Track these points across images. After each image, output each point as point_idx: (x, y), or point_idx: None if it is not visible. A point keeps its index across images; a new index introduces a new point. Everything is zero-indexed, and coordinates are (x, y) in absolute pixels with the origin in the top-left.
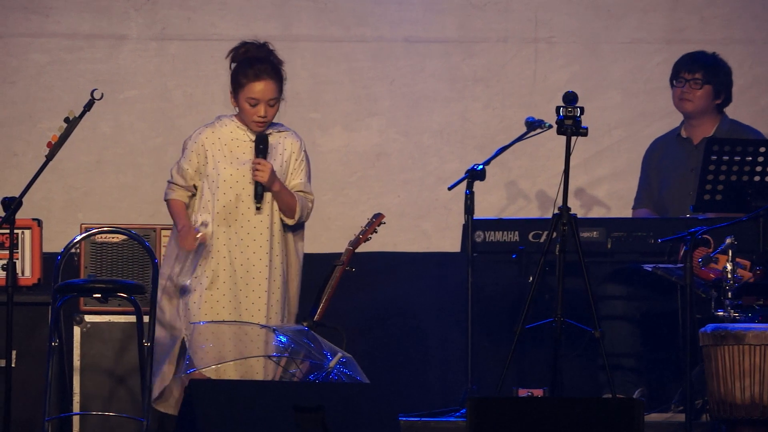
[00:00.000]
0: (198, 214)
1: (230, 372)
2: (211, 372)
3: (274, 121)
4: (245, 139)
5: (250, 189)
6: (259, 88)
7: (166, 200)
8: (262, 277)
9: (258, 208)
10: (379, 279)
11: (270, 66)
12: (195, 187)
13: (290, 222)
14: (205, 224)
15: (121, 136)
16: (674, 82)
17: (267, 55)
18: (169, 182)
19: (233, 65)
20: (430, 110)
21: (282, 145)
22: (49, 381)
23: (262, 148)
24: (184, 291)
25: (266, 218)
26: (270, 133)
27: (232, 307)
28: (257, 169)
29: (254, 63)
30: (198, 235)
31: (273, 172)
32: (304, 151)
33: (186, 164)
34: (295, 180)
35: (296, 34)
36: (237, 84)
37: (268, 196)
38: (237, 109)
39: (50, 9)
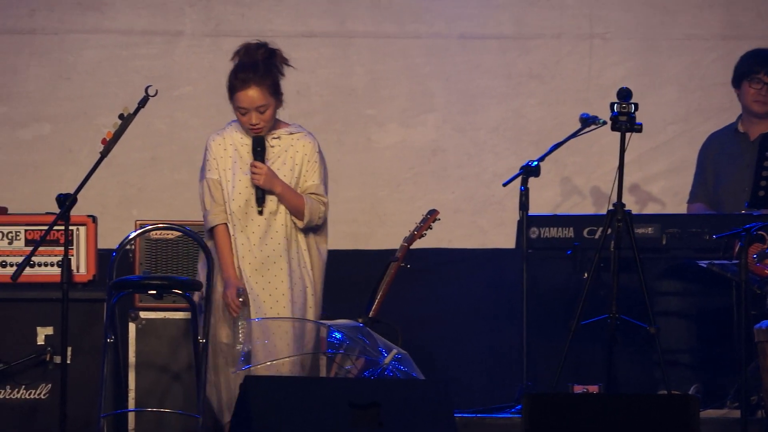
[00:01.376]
0: None
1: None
2: (263, 369)
3: (288, 122)
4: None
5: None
6: (245, 96)
7: (209, 229)
8: (280, 281)
9: (260, 212)
10: (434, 275)
11: (256, 72)
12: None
13: (300, 224)
14: (241, 291)
15: (175, 132)
16: (747, 81)
17: (258, 59)
18: (204, 212)
19: None
20: (486, 107)
21: (294, 147)
22: (104, 378)
23: (259, 150)
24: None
25: (281, 221)
26: (279, 137)
27: (254, 312)
28: (253, 173)
29: (239, 71)
30: (240, 299)
31: (270, 175)
32: (318, 152)
33: (213, 174)
34: (307, 182)
35: (351, 30)
36: (228, 92)
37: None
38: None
39: (105, 5)
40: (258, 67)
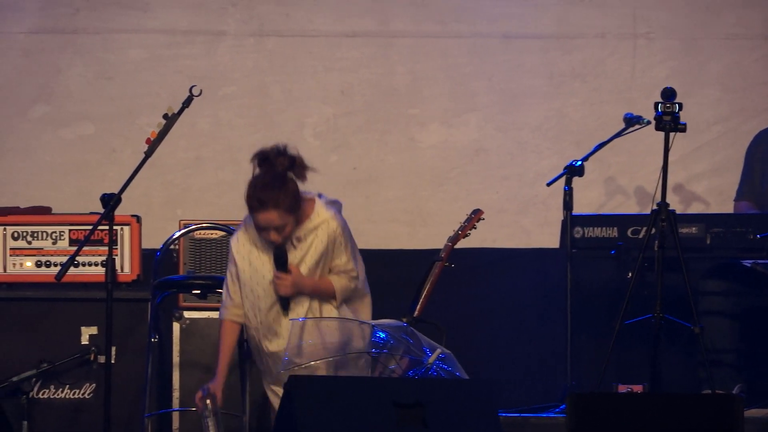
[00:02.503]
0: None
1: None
2: (307, 369)
3: (308, 194)
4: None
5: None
6: (263, 218)
7: (219, 319)
8: None
9: (286, 315)
10: (478, 275)
11: (273, 193)
12: None
13: (334, 305)
14: (211, 396)
15: (219, 132)
16: None
17: (276, 171)
18: (223, 299)
19: None
20: (528, 106)
21: (318, 237)
22: (148, 377)
23: (281, 262)
24: None
25: (304, 309)
26: (300, 237)
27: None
28: (278, 284)
29: (257, 190)
30: (205, 403)
31: (295, 282)
32: (342, 228)
33: (233, 270)
34: (335, 261)
35: (393, 29)
36: (246, 204)
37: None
38: None
39: (148, 5)
40: (275, 186)
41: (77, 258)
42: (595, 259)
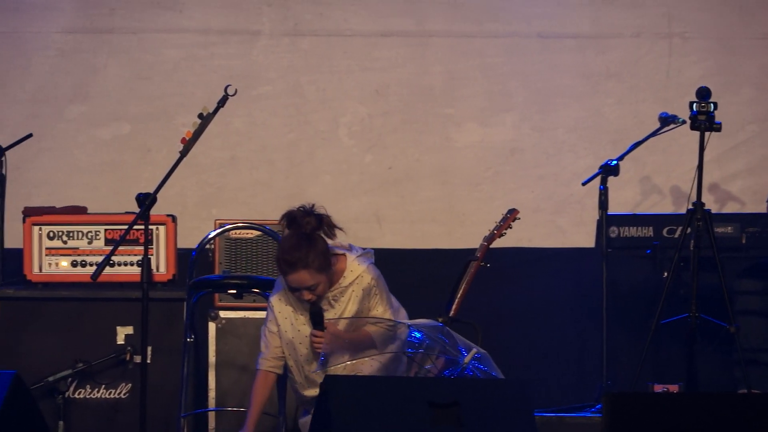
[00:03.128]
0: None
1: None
2: (342, 368)
3: (340, 249)
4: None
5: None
6: (294, 279)
7: (256, 368)
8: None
9: (325, 370)
10: (514, 274)
11: (302, 254)
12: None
13: (374, 355)
14: None
15: (254, 131)
16: None
17: (304, 231)
18: (261, 349)
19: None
20: (564, 106)
21: (354, 292)
22: (184, 377)
23: (317, 320)
24: None
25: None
26: (336, 295)
27: None
28: (315, 342)
29: (286, 253)
30: None
31: (333, 339)
32: (376, 280)
33: (272, 328)
34: (372, 312)
35: (429, 29)
36: (276, 266)
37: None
38: None
39: (184, 5)
40: (303, 247)
41: (113, 258)
42: (631, 258)
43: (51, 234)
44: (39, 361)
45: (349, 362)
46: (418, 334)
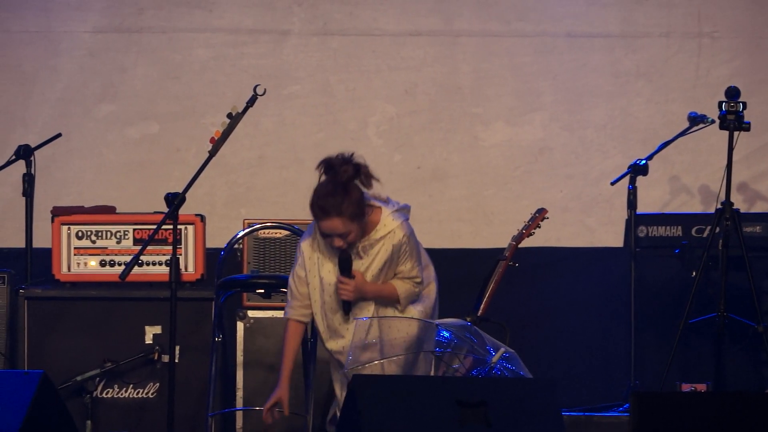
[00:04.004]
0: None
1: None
2: (370, 368)
3: (375, 200)
4: None
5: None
6: (326, 226)
7: (284, 318)
8: None
9: (348, 319)
10: (543, 274)
11: (336, 201)
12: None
13: (398, 309)
14: (280, 407)
15: (283, 131)
16: None
17: (341, 179)
18: (288, 298)
19: None
20: (593, 105)
21: (384, 246)
22: (212, 376)
23: (346, 267)
24: None
25: (372, 313)
26: (366, 245)
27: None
28: (341, 289)
29: (321, 198)
30: (278, 410)
31: (358, 287)
32: (408, 237)
33: (300, 272)
34: (400, 267)
35: (458, 29)
36: (310, 211)
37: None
38: None
39: (213, 4)
40: (338, 194)
41: (141, 257)
42: (659, 258)
43: (79, 233)
44: (67, 360)
45: (374, 362)
46: (446, 334)
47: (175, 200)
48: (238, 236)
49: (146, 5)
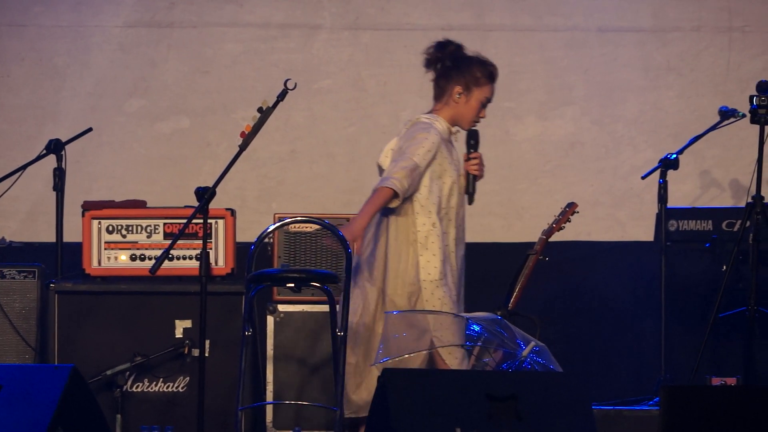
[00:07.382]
0: (419, 214)
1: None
2: (400, 361)
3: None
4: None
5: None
6: (493, 90)
7: (384, 187)
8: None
9: (470, 202)
10: (573, 268)
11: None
12: None
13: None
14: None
15: (314, 125)
16: None
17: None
18: (395, 179)
19: (459, 61)
20: (624, 99)
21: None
22: (242, 370)
23: (473, 143)
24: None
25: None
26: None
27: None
28: (473, 164)
29: (489, 64)
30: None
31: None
32: None
33: (422, 163)
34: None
35: (489, 23)
36: (475, 81)
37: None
38: (454, 103)
39: None
40: None
41: (172, 251)
42: (690, 252)
43: (110, 228)
44: (97, 354)
45: (405, 355)
46: (476, 327)
47: (205, 194)
48: (269, 230)
49: (177, 0)
